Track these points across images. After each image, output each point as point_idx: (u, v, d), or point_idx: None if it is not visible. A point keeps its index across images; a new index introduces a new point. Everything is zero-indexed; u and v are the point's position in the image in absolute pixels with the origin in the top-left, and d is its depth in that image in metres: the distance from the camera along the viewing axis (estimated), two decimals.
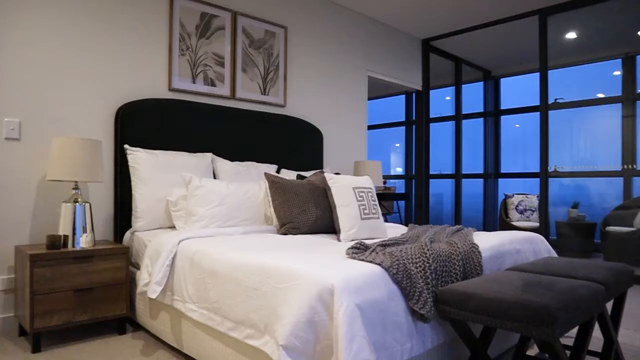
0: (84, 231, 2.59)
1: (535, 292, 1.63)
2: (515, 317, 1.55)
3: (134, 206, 2.92)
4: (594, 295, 1.76)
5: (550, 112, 4.98)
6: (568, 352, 2.24)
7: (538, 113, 4.96)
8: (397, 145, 7.93)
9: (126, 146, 3.00)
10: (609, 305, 2.56)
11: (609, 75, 5.97)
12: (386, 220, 5.95)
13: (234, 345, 1.92)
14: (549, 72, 4.87)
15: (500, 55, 6.38)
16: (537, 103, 4.97)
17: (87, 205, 2.63)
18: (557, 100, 5.24)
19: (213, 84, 3.60)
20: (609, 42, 5.75)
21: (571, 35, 5.53)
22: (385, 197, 5.42)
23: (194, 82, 3.48)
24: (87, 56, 2.99)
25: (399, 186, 7.60)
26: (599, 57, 5.98)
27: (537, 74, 4.92)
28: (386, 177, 7.56)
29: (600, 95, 6.04)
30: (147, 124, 3.15)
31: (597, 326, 2.71)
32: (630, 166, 5.71)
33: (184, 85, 3.43)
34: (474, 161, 6.86)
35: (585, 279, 1.97)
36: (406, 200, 6.35)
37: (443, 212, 7.01)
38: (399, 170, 7.89)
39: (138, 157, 2.95)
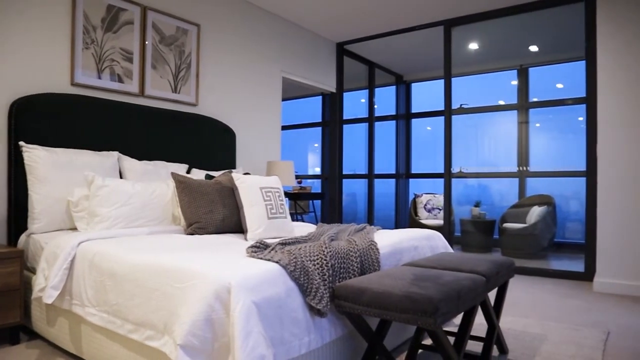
0: None
1: (421, 285, 1.77)
2: (402, 309, 1.67)
3: (30, 207, 2.76)
4: (475, 286, 1.94)
5: (457, 117, 5.33)
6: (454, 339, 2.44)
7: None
8: (316, 145, 8.07)
9: (21, 143, 2.82)
10: (493, 295, 2.79)
11: (508, 84, 6.50)
12: (302, 220, 6.05)
13: (135, 347, 1.89)
14: (455, 79, 5.21)
15: (411, 61, 6.71)
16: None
17: None
18: (462, 106, 5.61)
19: (121, 80, 3.48)
20: (506, 54, 6.27)
21: (473, 46, 5.96)
22: (301, 196, 5.52)
23: (99, 77, 3.34)
24: None
25: (316, 186, 7.74)
26: (498, 67, 6.51)
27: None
28: (304, 177, 7.67)
29: (501, 102, 6.56)
30: (46, 120, 2.98)
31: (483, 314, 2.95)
32: (524, 168, 6.26)
33: (88, 80, 3.28)
34: (386, 162, 7.14)
35: (470, 271, 2.16)
36: (322, 199, 6.50)
37: (357, 211, 7.25)
38: (317, 170, 8.03)
39: (35, 155, 2.79)
